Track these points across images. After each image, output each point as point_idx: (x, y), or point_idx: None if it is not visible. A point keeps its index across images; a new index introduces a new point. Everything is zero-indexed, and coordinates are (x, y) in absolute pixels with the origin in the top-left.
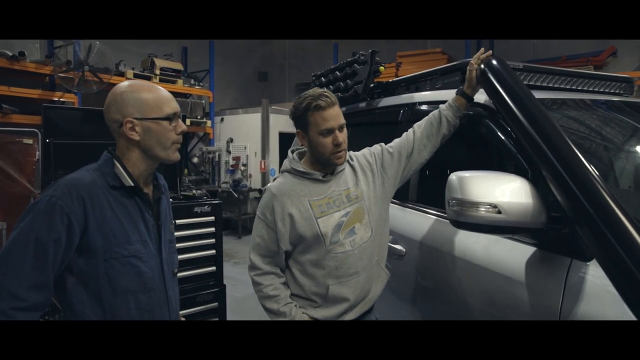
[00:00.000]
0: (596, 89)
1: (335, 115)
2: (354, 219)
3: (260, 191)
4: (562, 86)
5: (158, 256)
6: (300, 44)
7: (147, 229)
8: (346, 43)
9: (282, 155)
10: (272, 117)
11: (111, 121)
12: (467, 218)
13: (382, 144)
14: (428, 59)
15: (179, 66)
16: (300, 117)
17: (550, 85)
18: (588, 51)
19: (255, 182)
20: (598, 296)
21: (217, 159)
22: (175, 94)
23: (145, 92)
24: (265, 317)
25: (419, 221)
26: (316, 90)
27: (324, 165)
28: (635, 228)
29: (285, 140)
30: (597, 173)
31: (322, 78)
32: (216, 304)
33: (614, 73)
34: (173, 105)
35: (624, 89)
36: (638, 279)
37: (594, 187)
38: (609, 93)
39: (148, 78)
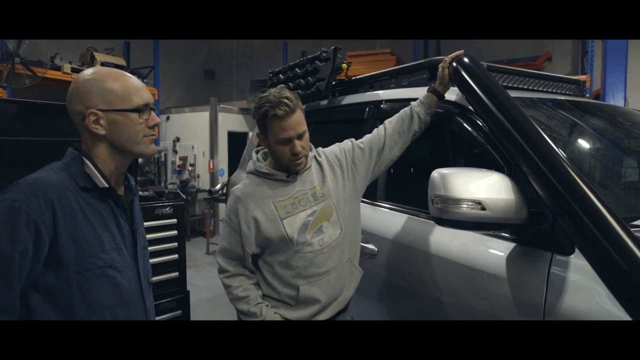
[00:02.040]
0: (551, 90)
1: (294, 124)
2: (321, 218)
3: (210, 192)
4: (520, 86)
5: (134, 265)
6: (248, 42)
7: (121, 235)
8: (295, 42)
9: (232, 155)
10: (221, 116)
11: (73, 113)
12: (450, 215)
13: (353, 139)
14: (377, 59)
15: (121, 61)
16: (259, 121)
17: (510, 85)
18: (526, 56)
19: (203, 182)
20: (581, 288)
21: (163, 159)
22: None
23: (112, 81)
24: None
25: (392, 220)
26: (276, 95)
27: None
28: (613, 217)
29: (235, 139)
30: (574, 166)
31: (280, 75)
32: (180, 312)
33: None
34: (144, 96)
35: (573, 90)
36: (620, 265)
37: (574, 180)
38: (560, 93)
39: None
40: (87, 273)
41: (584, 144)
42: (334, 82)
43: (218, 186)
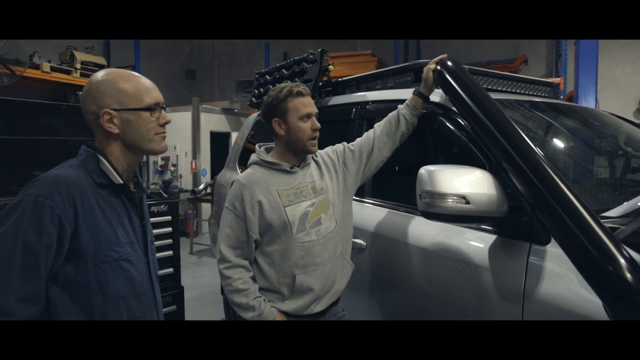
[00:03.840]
0: (528, 92)
1: (312, 103)
2: (319, 210)
3: (194, 192)
4: (498, 88)
5: (144, 258)
6: (230, 41)
7: (133, 230)
8: (277, 42)
9: (214, 155)
10: (203, 116)
11: (87, 113)
12: (437, 209)
13: (345, 142)
14: (359, 61)
15: (102, 60)
16: (279, 104)
17: (490, 87)
18: (503, 58)
19: (186, 183)
20: (557, 275)
21: (144, 159)
22: None
23: (124, 81)
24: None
25: (379, 215)
26: (291, 83)
27: (294, 155)
28: (585, 209)
29: (217, 139)
30: (550, 163)
31: (267, 76)
32: (175, 307)
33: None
34: (154, 95)
35: (548, 92)
36: (592, 253)
37: (550, 176)
38: (537, 95)
39: (67, 72)
40: (104, 265)
41: (558, 143)
42: (320, 84)
43: (201, 186)
